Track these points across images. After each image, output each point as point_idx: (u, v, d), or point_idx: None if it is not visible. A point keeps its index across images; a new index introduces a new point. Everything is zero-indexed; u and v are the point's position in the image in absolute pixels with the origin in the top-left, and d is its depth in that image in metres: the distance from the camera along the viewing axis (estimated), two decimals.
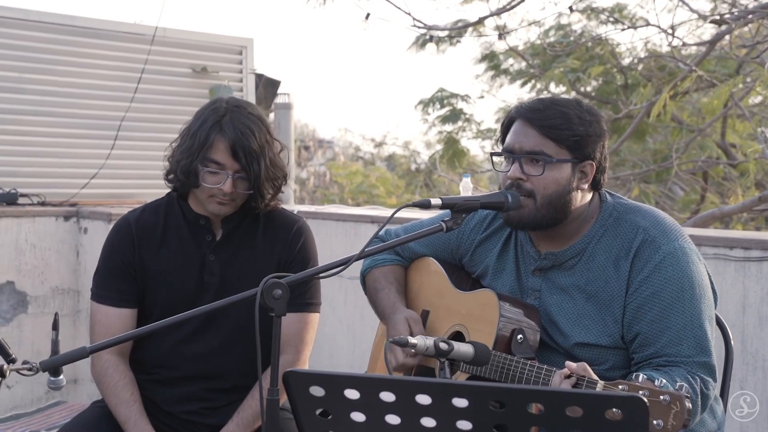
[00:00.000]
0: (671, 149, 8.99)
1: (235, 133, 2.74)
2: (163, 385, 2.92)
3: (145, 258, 2.90)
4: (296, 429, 1.82)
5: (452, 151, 11.12)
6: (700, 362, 2.36)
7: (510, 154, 2.51)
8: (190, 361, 2.89)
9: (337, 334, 5.44)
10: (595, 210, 2.56)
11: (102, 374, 2.87)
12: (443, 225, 2.36)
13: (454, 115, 11.21)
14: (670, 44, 7.37)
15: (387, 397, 1.68)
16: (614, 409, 1.56)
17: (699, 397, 2.30)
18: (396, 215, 4.72)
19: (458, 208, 2.38)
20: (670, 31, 7.07)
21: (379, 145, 19.70)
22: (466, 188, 5.32)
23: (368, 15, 6.36)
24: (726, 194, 10.27)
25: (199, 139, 2.75)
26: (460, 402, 1.64)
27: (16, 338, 5.77)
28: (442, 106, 11.25)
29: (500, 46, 9.70)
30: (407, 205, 2.41)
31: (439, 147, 12.13)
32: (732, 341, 2.78)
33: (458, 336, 2.63)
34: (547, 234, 2.57)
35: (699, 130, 9.02)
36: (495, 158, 2.63)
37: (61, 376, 2.43)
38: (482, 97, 12.32)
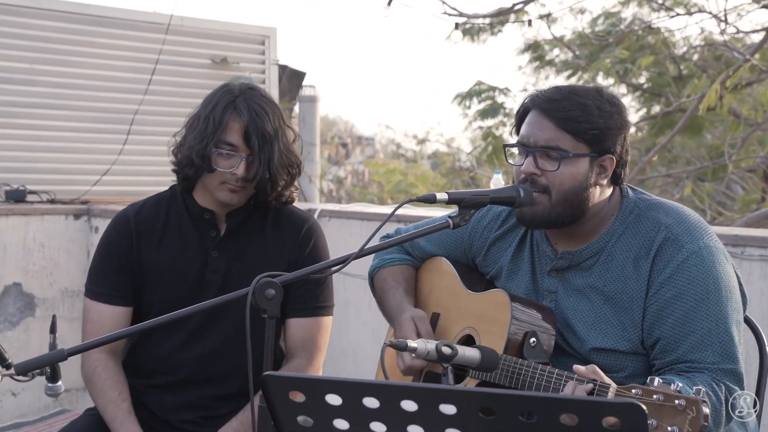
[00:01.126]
0: (726, 145, 8.86)
1: (249, 113, 2.76)
2: (161, 391, 2.93)
3: (144, 254, 2.91)
4: None
5: (492, 148, 11.08)
6: (726, 369, 2.32)
7: (524, 147, 2.49)
8: (190, 365, 2.90)
9: (362, 340, 5.43)
10: (615, 206, 2.53)
11: (90, 373, 2.89)
12: (450, 221, 2.35)
13: (494, 110, 11.18)
14: (722, 32, 7.27)
15: (371, 403, 1.67)
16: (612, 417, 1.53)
17: (723, 405, 2.27)
18: (418, 214, 4.70)
19: (466, 203, 2.36)
20: (722, 17, 6.98)
21: (422, 142, 19.69)
22: (497, 186, 5.29)
23: (390, 1, 6.35)
24: None
25: (213, 121, 2.77)
26: (448, 408, 1.63)
27: (22, 343, 5.83)
28: (480, 101, 11.23)
29: (531, 33, 9.66)
30: (410, 201, 2.40)
31: (481, 143, 12.09)
32: None
33: (469, 340, 2.61)
34: (564, 232, 2.54)
35: (757, 123, 8.88)
36: (509, 150, 2.61)
37: (59, 383, 2.44)
38: (525, 90, 12.25)
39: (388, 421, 1.68)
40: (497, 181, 5.33)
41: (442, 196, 2.34)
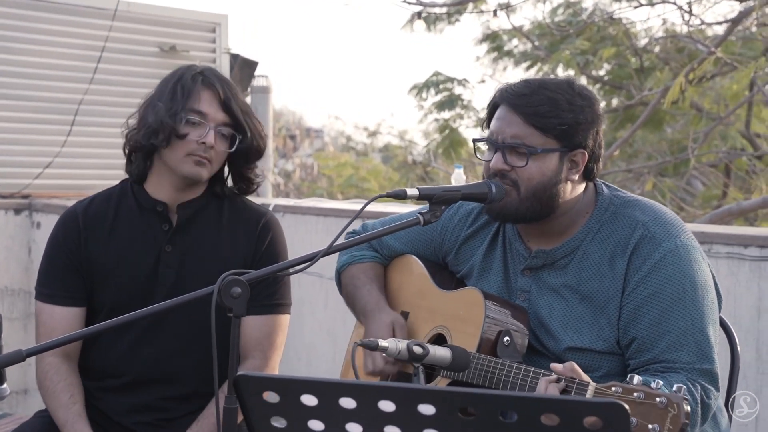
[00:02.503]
0: (689, 139, 9.00)
1: (222, 84, 2.83)
2: (114, 394, 2.92)
3: (93, 251, 2.90)
4: None
5: (449, 141, 11.13)
6: (702, 369, 2.37)
7: (492, 143, 2.53)
8: (144, 365, 2.89)
9: (317, 341, 5.45)
10: (589, 203, 2.58)
11: (43, 377, 2.88)
12: (420, 218, 2.38)
13: (451, 102, 11.22)
14: (687, 23, 7.38)
15: (347, 403, 1.70)
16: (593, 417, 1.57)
17: (699, 405, 2.32)
18: (381, 210, 4.73)
19: (437, 199, 2.39)
20: (687, 8, 7.10)
21: (373, 134, 19.71)
22: (458, 180, 5.33)
23: None
24: (751, 189, 10.28)
25: (181, 89, 2.80)
26: (427, 409, 1.65)
27: None
28: (438, 92, 11.26)
29: (496, 24, 9.74)
30: (380, 196, 2.42)
31: (437, 137, 12.13)
32: (739, 347, 2.79)
33: (440, 339, 2.65)
34: (537, 229, 2.58)
35: (720, 118, 9.03)
36: (478, 145, 2.64)
37: (5, 385, 2.44)
38: (483, 81, 12.30)
39: (364, 422, 1.70)
40: (458, 176, 5.37)
41: (412, 192, 2.37)
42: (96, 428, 2.86)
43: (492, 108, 2.58)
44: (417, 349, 2.28)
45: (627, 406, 1.55)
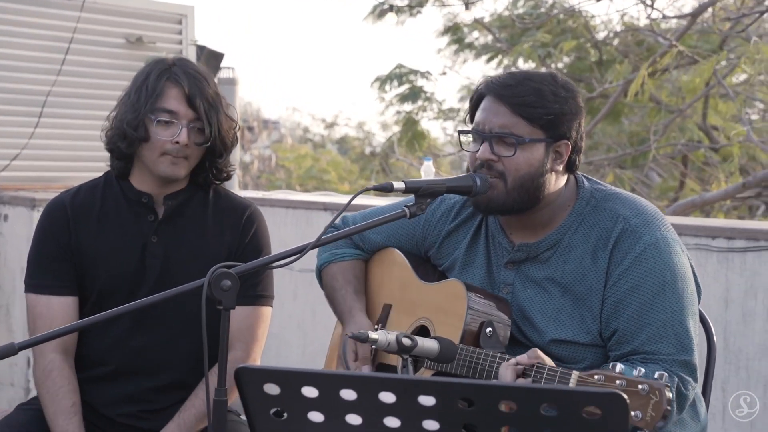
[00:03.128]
0: (649, 132, 9.08)
1: (188, 79, 2.79)
2: (100, 383, 2.92)
3: (82, 241, 2.91)
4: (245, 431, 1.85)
5: (411, 133, 11.13)
6: (681, 361, 2.42)
7: (479, 133, 2.55)
8: (130, 354, 2.90)
9: (287, 333, 5.46)
10: (571, 196, 2.61)
11: (45, 376, 2.85)
12: (406, 211, 2.40)
13: (414, 94, 11.20)
14: (648, 17, 7.45)
15: (348, 395, 1.71)
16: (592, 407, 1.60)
17: (675, 395, 2.36)
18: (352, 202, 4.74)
19: (423, 192, 2.41)
20: (648, 2, 7.16)
21: (330, 126, 19.68)
22: (428, 172, 5.36)
23: None
24: (707, 180, 10.41)
25: (146, 89, 2.79)
26: (427, 400, 1.68)
27: None
28: (401, 84, 11.25)
29: (469, 16, 9.77)
30: (367, 189, 2.44)
31: (396, 128, 12.13)
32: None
33: (423, 330, 2.67)
34: (520, 222, 2.61)
35: (678, 110, 9.12)
36: (462, 137, 2.66)
37: None
38: (444, 73, 12.30)
39: (364, 414, 1.72)
40: (428, 168, 5.40)
41: (398, 185, 2.39)
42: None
43: (476, 100, 2.60)
44: (406, 341, 2.30)
45: (626, 396, 1.58)
